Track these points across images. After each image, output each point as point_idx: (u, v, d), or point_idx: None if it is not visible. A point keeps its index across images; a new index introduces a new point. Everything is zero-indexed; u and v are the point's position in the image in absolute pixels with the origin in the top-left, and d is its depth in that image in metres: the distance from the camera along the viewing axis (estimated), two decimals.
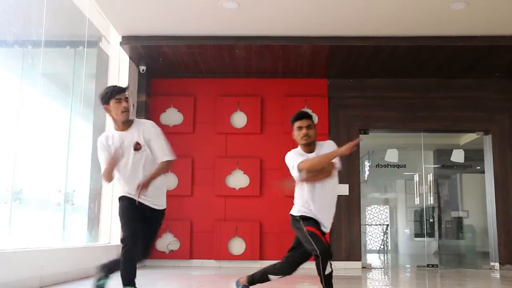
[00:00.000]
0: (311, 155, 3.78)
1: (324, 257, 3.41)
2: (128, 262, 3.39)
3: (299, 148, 3.89)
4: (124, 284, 3.36)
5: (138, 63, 7.37)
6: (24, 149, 4.89)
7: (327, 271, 3.43)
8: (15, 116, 4.75)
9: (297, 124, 3.79)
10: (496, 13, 5.91)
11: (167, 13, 6.01)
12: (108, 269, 3.57)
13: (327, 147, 3.82)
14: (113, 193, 6.82)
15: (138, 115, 7.43)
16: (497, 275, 6.82)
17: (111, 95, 3.47)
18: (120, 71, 7.10)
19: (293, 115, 3.88)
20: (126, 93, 3.53)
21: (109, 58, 7.08)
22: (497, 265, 7.47)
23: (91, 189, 6.60)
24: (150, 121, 3.70)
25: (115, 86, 3.62)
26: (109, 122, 6.86)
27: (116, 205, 6.91)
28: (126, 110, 3.47)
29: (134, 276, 3.45)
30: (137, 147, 3.47)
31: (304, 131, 3.76)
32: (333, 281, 3.45)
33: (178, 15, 6.04)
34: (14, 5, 4.78)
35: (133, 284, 3.42)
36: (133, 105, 7.34)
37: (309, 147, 3.83)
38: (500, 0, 5.58)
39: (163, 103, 7.82)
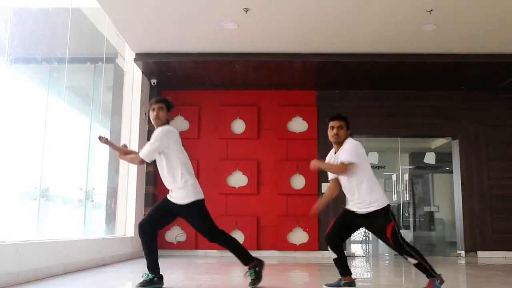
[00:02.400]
0: (334, 156, 3.64)
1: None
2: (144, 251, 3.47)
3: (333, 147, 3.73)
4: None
5: (149, 77, 7.38)
6: (50, 152, 4.88)
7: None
8: (43, 123, 4.75)
9: (330, 124, 3.64)
10: (462, 35, 5.99)
11: (175, 33, 6.05)
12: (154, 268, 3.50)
13: (342, 150, 3.61)
14: (127, 190, 6.85)
15: (149, 123, 7.43)
16: (462, 261, 6.87)
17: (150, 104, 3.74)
18: (134, 84, 7.12)
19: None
20: (157, 104, 3.76)
21: (124, 72, 7.09)
22: (463, 252, 7.54)
23: (109, 187, 6.61)
24: (160, 127, 3.69)
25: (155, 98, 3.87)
26: (125, 132, 6.94)
27: (130, 202, 6.95)
28: (153, 118, 3.70)
29: (148, 264, 3.43)
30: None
31: (335, 131, 3.59)
32: (320, 268, 3.48)
33: (185, 35, 6.08)
34: (42, 27, 4.78)
35: (150, 271, 3.41)
36: (146, 114, 7.35)
37: (338, 145, 3.64)
38: (465, 24, 5.65)
39: (171, 112, 7.81)
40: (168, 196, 3.53)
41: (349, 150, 3.52)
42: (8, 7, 3.98)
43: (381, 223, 3.34)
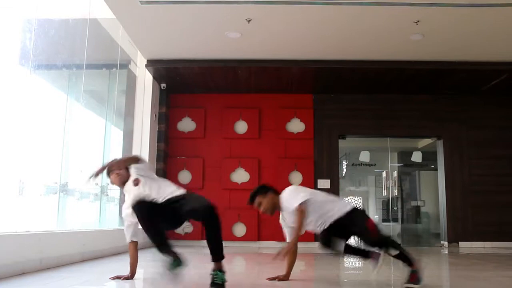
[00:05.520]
0: (285, 217, 3.28)
1: None
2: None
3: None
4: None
5: (159, 81, 7.40)
6: (69, 150, 4.92)
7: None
8: (62, 123, 4.81)
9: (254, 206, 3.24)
10: (446, 44, 6.02)
11: (183, 42, 6.08)
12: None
13: (285, 205, 3.20)
14: None
15: (159, 123, 7.48)
16: (445, 251, 6.90)
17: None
18: (145, 88, 7.13)
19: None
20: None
21: (137, 77, 7.11)
22: (446, 243, 7.58)
23: None
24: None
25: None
26: (137, 132, 6.95)
27: None
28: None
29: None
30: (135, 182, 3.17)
31: (260, 209, 3.22)
32: (316, 257, 3.39)
33: (192, 43, 6.11)
34: (63, 36, 4.82)
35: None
36: (156, 116, 7.40)
37: (277, 210, 3.23)
38: (449, 34, 5.69)
39: (179, 114, 7.85)
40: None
41: (288, 199, 3.15)
42: (33, 19, 4.02)
43: (360, 222, 3.10)
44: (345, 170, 10.29)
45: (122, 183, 3.20)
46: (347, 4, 4.95)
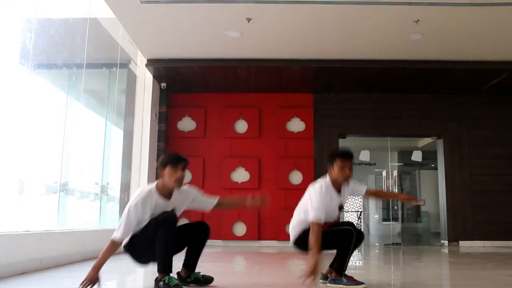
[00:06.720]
0: (339, 194, 3.04)
1: None
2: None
3: (328, 182, 3.01)
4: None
5: (160, 80, 7.39)
6: (69, 149, 4.92)
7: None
8: (62, 123, 4.80)
9: (340, 163, 2.97)
10: (446, 43, 6.01)
11: (183, 41, 6.07)
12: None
13: (352, 189, 3.14)
14: (139, 185, 6.86)
15: (160, 123, 7.48)
16: (446, 250, 6.89)
17: (169, 162, 2.81)
18: (146, 87, 7.12)
19: (337, 150, 3.19)
20: (185, 164, 2.82)
21: (137, 77, 7.10)
22: (446, 242, 7.57)
23: (122, 182, 6.63)
24: (187, 187, 3.00)
25: (177, 155, 2.87)
26: (137, 131, 6.94)
27: None
28: (180, 181, 2.79)
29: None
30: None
31: (347, 171, 2.97)
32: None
33: (192, 42, 6.10)
34: (63, 36, 4.82)
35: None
36: (156, 115, 7.39)
37: (341, 185, 3.05)
38: (449, 33, 5.68)
39: (180, 113, 7.84)
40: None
41: (361, 185, 3.23)
42: (33, 18, 4.02)
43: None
44: None
45: (179, 185, 2.83)
46: (347, 3, 4.95)
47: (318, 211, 2.85)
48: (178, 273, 2.99)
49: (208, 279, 2.99)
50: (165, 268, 2.72)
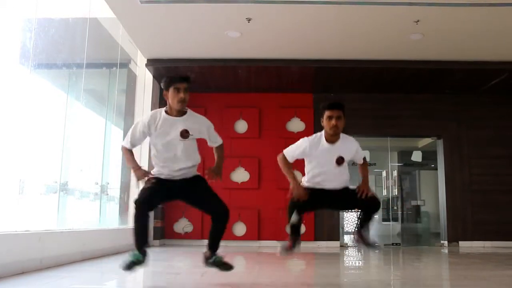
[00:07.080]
0: (332, 146, 3.16)
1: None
2: (135, 227, 2.87)
3: (322, 135, 3.14)
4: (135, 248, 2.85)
5: (160, 80, 7.26)
6: (69, 149, 4.92)
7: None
8: (62, 123, 4.79)
9: (327, 113, 3.08)
10: (445, 43, 6.01)
11: (183, 41, 6.07)
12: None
13: (350, 146, 3.26)
14: (139, 185, 6.87)
15: None
16: (446, 250, 6.90)
17: (170, 82, 2.95)
18: (146, 87, 7.13)
19: (326, 102, 3.16)
20: (186, 84, 2.96)
21: (137, 77, 7.10)
22: (446, 242, 7.56)
23: (122, 182, 6.63)
24: (202, 116, 3.20)
25: (177, 75, 3.02)
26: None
27: None
28: (182, 101, 2.93)
29: (138, 242, 2.85)
30: (185, 135, 3.00)
31: (333, 121, 3.05)
32: (316, 257, 3.43)
33: (192, 42, 6.10)
34: (63, 35, 4.82)
35: (139, 250, 2.81)
36: None
37: (333, 137, 3.14)
38: (448, 33, 5.68)
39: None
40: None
41: (358, 147, 3.31)
42: (33, 18, 4.02)
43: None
44: None
45: (183, 105, 2.95)
46: (347, 3, 4.95)
47: (289, 150, 3.27)
48: (204, 254, 3.05)
49: (227, 266, 2.99)
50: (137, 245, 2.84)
